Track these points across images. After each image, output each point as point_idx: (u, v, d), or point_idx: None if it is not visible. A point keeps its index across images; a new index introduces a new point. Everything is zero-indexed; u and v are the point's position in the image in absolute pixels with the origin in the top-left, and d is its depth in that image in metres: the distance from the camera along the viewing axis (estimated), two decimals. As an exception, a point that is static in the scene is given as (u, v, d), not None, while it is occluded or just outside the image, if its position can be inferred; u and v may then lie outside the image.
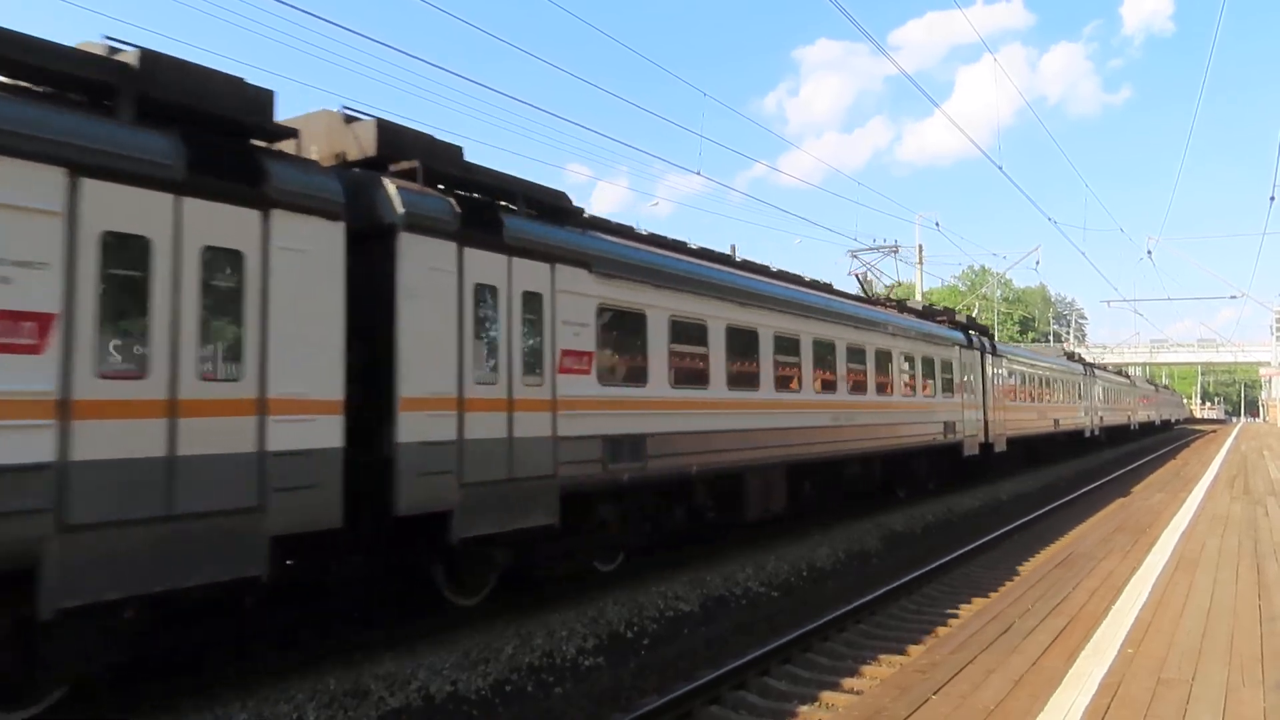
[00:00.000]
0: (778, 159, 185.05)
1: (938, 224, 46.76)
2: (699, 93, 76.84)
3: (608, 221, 12.07)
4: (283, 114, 8.09)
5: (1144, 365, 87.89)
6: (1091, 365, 43.74)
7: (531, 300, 9.17)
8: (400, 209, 7.88)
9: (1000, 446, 24.79)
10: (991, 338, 26.74)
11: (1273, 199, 28.54)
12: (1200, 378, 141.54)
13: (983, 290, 75.05)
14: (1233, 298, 55.37)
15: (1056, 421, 33.46)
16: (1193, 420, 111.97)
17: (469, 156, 9.32)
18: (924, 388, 19.94)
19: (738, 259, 15.31)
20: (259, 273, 6.72)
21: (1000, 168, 27.39)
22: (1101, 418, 43.33)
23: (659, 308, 11.13)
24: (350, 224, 7.40)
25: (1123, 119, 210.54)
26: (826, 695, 7.72)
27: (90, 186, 5.80)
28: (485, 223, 8.80)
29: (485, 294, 8.70)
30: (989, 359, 24.69)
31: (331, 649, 8.10)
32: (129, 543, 5.83)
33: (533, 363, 9.19)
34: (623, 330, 10.91)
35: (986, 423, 23.83)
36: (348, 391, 7.29)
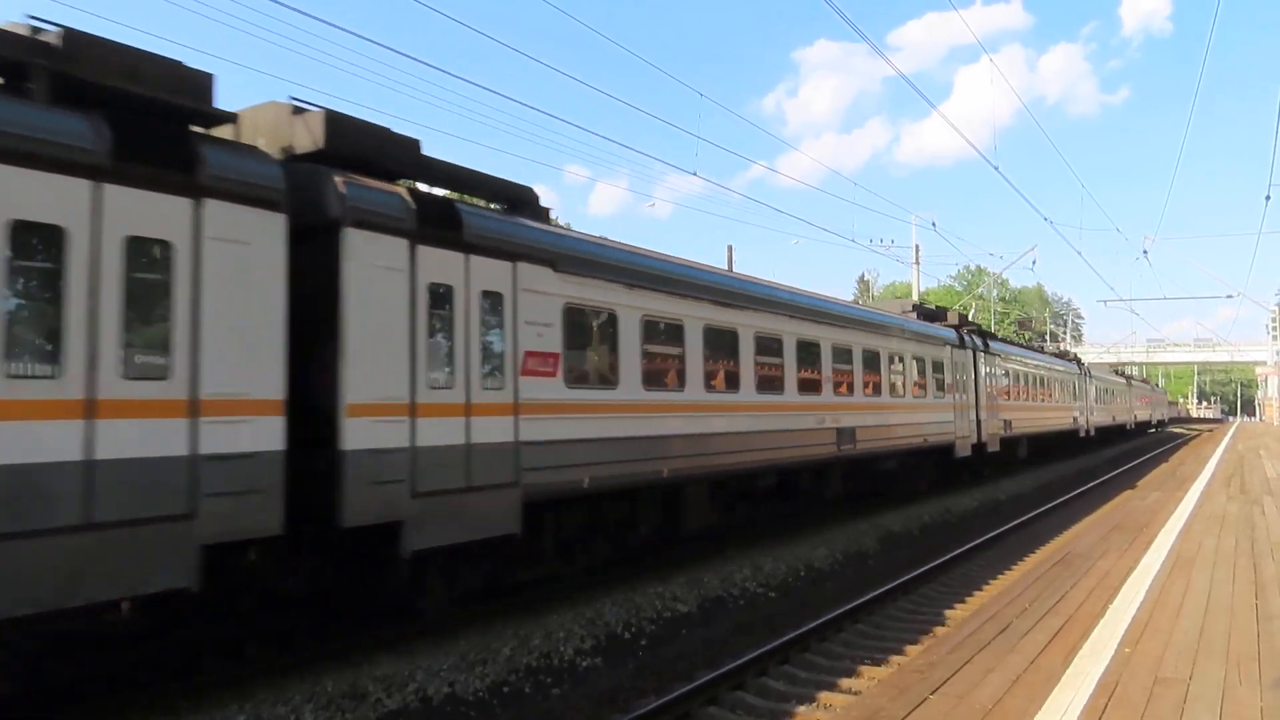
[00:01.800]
0: (776, 160, 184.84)
1: (934, 224, 46.85)
2: (696, 94, 76.83)
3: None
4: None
5: (1141, 365, 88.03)
6: (1078, 361, 43.16)
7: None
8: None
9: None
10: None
11: (1269, 198, 28.64)
12: (1196, 377, 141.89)
13: (979, 290, 75.14)
14: (1229, 297, 55.55)
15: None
16: (1189, 420, 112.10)
17: (471, 157, 9.52)
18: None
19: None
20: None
21: (996, 168, 27.44)
22: (1092, 417, 43.16)
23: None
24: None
25: (1121, 119, 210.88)
26: (824, 696, 7.72)
27: None
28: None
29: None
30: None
31: (329, 651, 8.09)
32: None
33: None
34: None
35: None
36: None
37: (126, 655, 7.36)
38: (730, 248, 33.91)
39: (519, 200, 10.10)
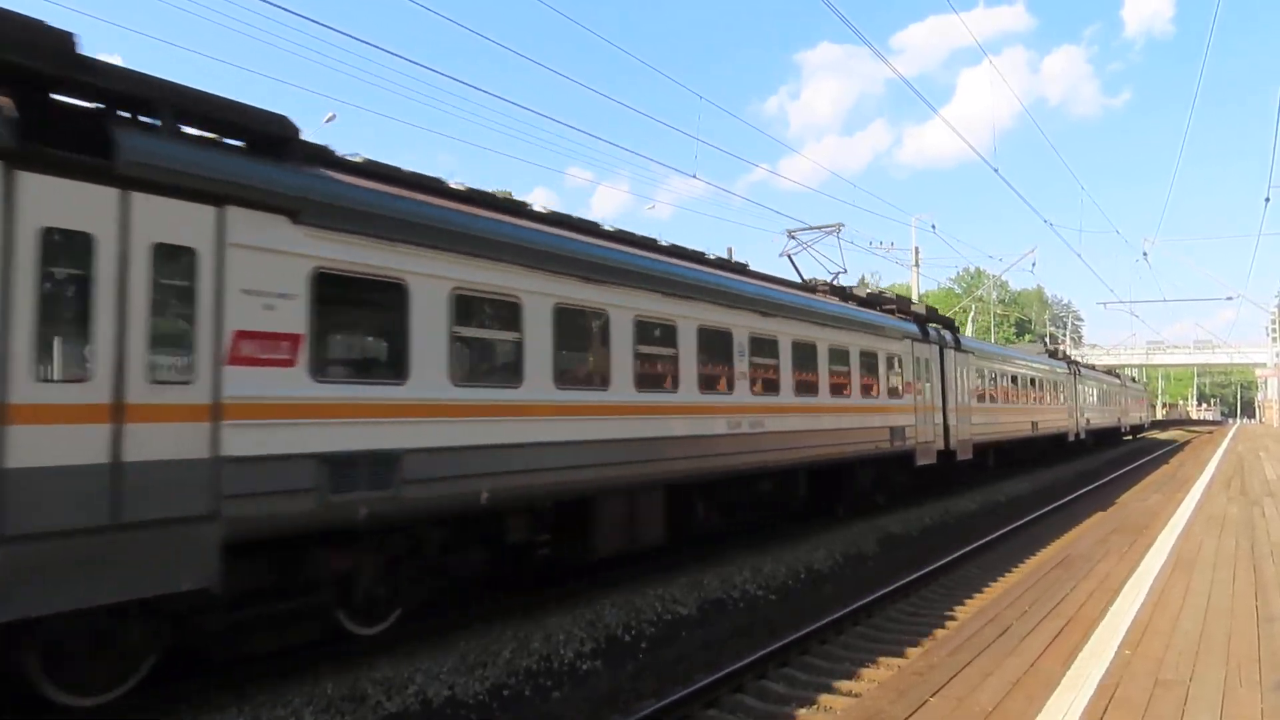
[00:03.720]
0: (778, 163, 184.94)
1: (934, 226, 46.92)
2: (696, 96, 76.85)
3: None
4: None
5: (1140, 367, 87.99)
6: (1070, 360, 41.42)
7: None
8: None
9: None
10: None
11: (1268, 200, 28.68)
12: (1196, 379, 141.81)
13: (979, 292, 75.16)
14: (1228, 299, 55.73)
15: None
16: (1188, 421, 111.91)
17: (473, 157, 8.57)
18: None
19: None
20: None
21: (996, 170, 27.52)
22: (1088, 419, 41.17)
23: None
24: None
25: (1122, 122, 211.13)
26: (824, 698, 7.71)
27: None
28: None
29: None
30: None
31: (328, 653, 8.07)
32: None
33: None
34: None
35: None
36: None
37: (125, 657, 7.32)
38: (730, 249, 33.89)
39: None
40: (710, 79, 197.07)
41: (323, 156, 8.05)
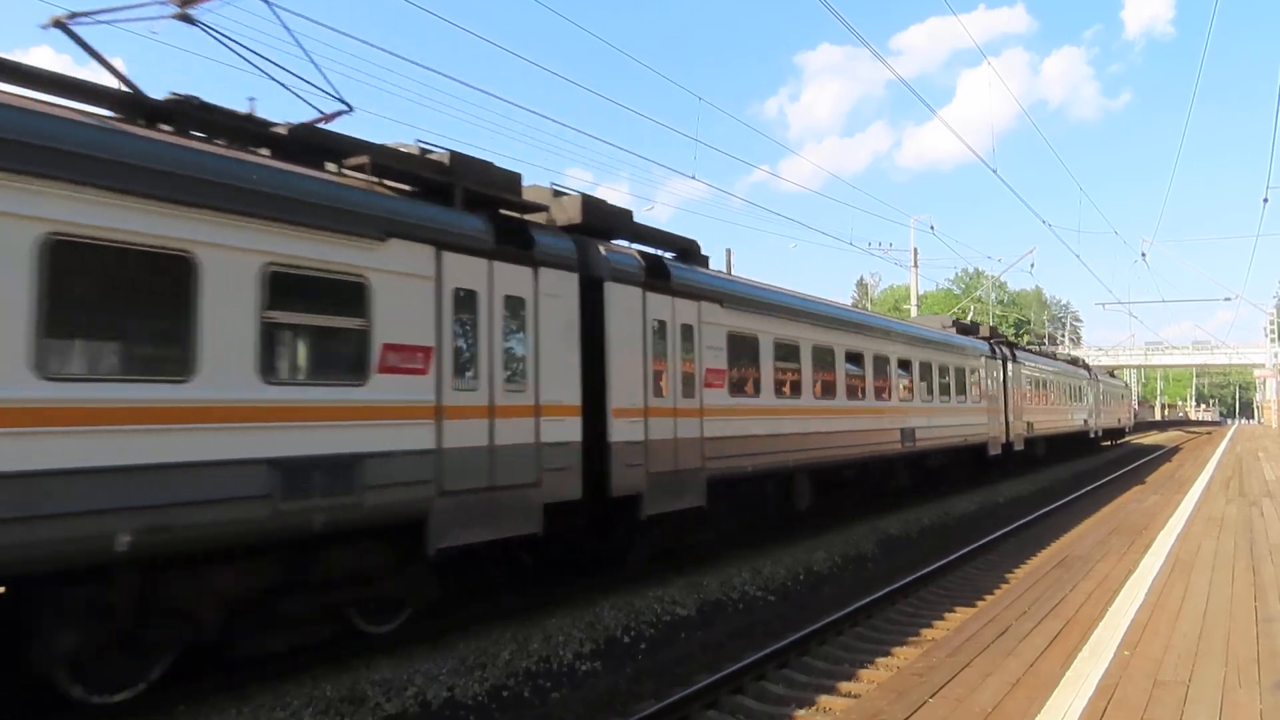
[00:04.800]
0: (778, 164, 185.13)
1: (933, 227, 46.96)
2: (695, 97, 77.04)
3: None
4: (278, 118, 8.07)
5: (1139, 368, 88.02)
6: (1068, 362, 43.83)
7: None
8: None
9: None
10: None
11: (1266, 201, 28.72)
12: (1195, 380, 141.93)
13: (977, 293, 75.19)
14: (1227, 300, 55.68)
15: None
16: (1187, 422, 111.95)
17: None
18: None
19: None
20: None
21: (995, 170, 27.52)
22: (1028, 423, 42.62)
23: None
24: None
25: (1121, 123, 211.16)
26: (824, 699, 7.71)
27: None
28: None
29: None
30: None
31: (327, 654, 8.07)
32: None
33: None
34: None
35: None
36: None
37: (124, 658, 7.32)
38: (729, 251, 34.00)
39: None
40: (710, 80, 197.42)
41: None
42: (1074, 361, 43.32)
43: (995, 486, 24.69)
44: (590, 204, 11.10)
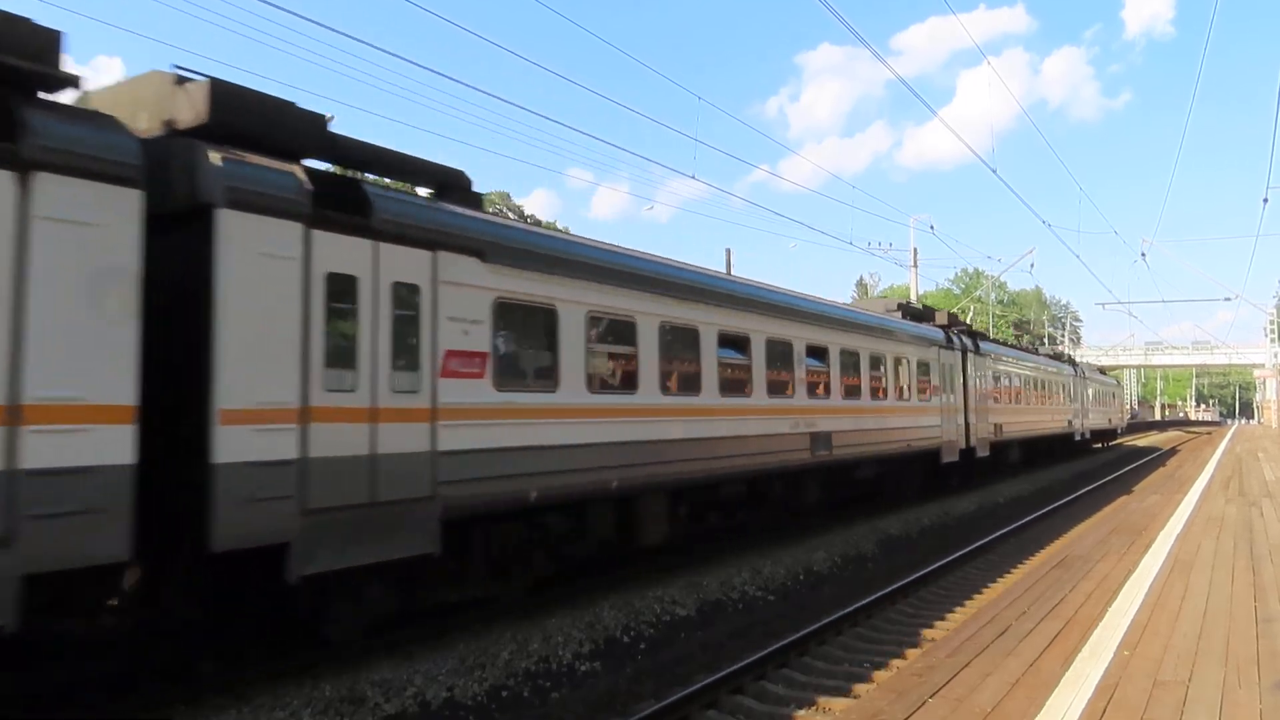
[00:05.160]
0: (778, 164, 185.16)
1: (932, 227, 46.99)
2: (694, 97, 76.98)
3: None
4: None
5: (1139, 368, 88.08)
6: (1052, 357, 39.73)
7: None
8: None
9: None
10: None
11: (1266, 201, 28.74)
12: (1195, 380, 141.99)
13: (977, 293, 75.25)
14: (1226, 300, 55.65)
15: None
16: (1186, 422, 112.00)
17: (475, 159, 8.95)
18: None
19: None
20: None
21: (994, 170, 27.44)
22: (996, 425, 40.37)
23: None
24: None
25: (1121, 123, 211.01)
26: (823, 699, 7.70)
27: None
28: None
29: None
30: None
31: (326, 655, 8.06)
32: None
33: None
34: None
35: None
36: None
37: (123, 659, 7.33)
38: (729, 251, 34.00)
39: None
40: (710, 80, 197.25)
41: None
42: (1057, 356, 39.91)
43: (995, 487, 24.66)
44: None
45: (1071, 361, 40.73)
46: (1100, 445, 46.90)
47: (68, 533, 5.68)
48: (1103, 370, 54.36)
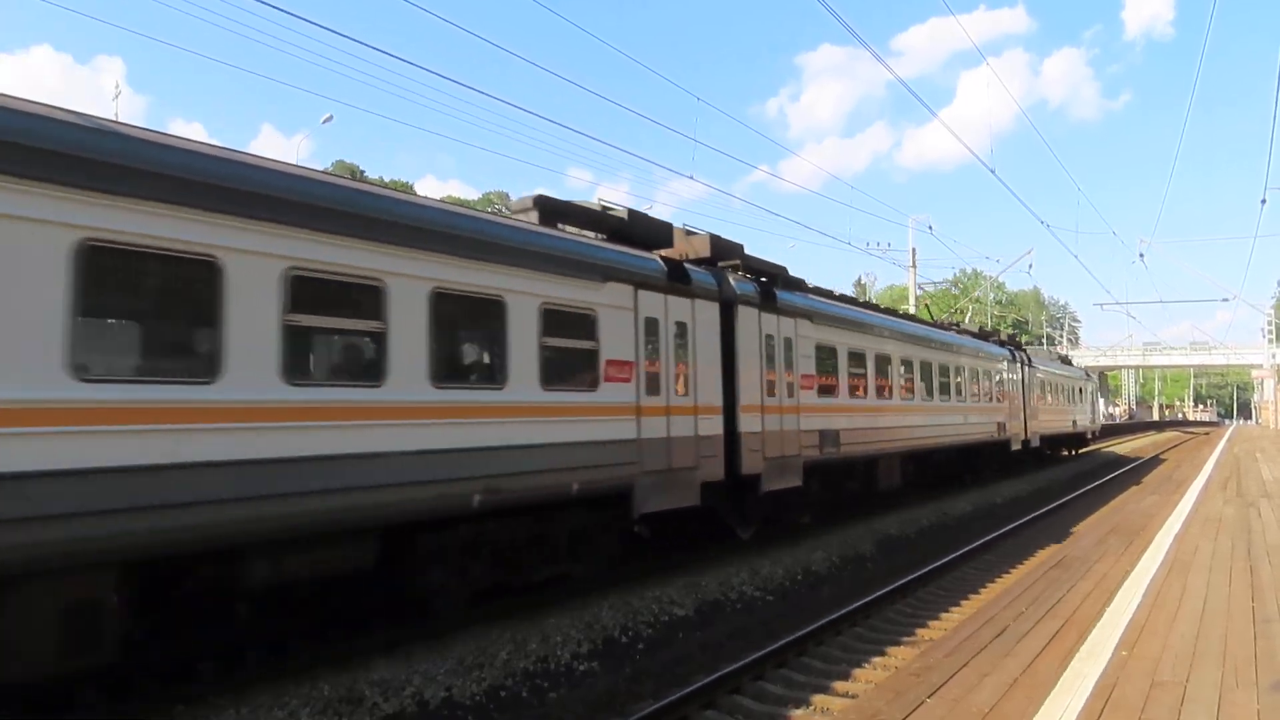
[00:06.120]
0: (778, 164, 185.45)
1: (931, 228, 46.98)
2: (693, 98, 77.10)
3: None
4: (277, 119, 7.91)
5: (1137, 368, 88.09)
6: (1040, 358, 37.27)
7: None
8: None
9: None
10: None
11: (1264, 202, 28.78)
12: (1193, 380, 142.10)
13: (975, 293, 75.26)
14: (1224, 300, 55.73)
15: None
16: (1184, 423, 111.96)
17: (475, 160, 9.67)
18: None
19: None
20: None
21: (993, 171, 27.52)
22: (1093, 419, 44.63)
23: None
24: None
25: (1121, 124, 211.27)
26: (822, 699, 7.72)
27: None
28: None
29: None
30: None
31: (325, 655, 8.06)
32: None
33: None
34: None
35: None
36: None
37: (122, 659, 7.33)
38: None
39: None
40: (711, 81, 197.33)
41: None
42: (983, 335, 29.41)
43: (993, 487, 24.69)
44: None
45: (1013, 344, 31.27)
46: (1070, 452, 39.46)
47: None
48: (1065, 358, 44.30)
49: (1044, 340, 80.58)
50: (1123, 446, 52.76)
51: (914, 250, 40.93)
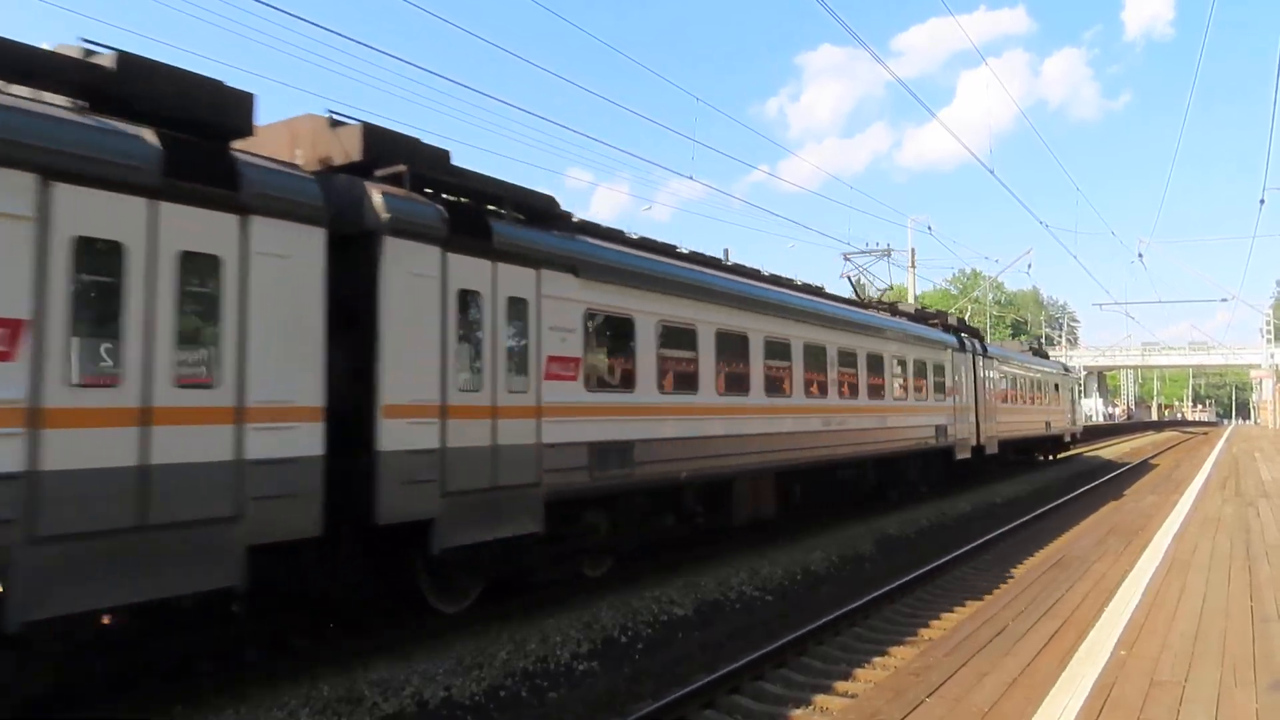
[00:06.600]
0: (778, 165, 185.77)
1: (930, 228, 47.00)
2: (693, 98, 77.12)
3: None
4: (273, 117, 7.74)
5: (1136, 368, 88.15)
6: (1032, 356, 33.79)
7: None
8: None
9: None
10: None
11: (1263, 202, 28.84)
12: (1192, 380, 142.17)
13: (975, 294, 75.31)
14: (1223, 300, 55.89)
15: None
16: (1183, 423, 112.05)
17: (474, 161, 7.78)
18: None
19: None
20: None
21: (992, 171, 27.56)
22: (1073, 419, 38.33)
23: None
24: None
25: (1121, 124, 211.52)
26: (821, 699, 7.72)
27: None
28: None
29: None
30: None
31: (324, 655, 8.07)
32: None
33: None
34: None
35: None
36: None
37: (121, 659, 7.32)
38: (726, 251, 33.89)
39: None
40: (710, 81, 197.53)
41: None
42: (921, 318, 23.23)
43: (993, 487, 24.69)
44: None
45: (963, 329, 25.52)
46: (1046, 458, 35.27)
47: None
48: (1036, 349, 38.58)
49: (1043, 340, 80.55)
50: (1123, 447, 52.73)
51: (913, 250, 40.89)
